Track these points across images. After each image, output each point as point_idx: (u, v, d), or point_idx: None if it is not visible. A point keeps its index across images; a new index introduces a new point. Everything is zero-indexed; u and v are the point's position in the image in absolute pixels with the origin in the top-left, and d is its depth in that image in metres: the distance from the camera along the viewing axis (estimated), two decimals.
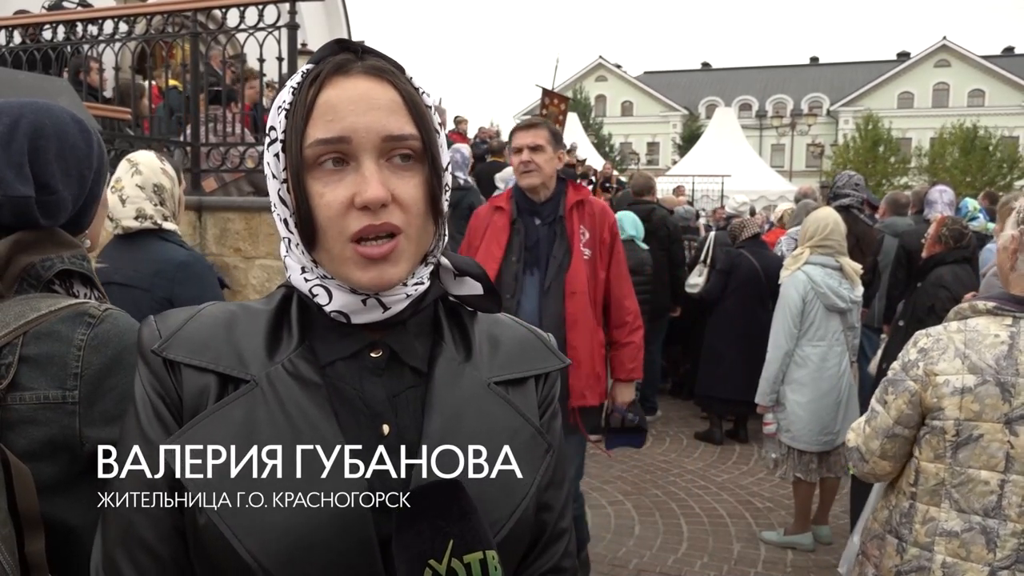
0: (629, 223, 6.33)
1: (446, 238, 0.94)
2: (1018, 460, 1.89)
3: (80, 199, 1.28)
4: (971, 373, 1.93)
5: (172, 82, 6.33)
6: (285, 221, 0.88)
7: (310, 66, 0.87)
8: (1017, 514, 1.88)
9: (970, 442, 1.93)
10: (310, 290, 0.88)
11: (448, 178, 0.92)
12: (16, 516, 1.01)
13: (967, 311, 2.04)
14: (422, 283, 0.91)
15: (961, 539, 1.93)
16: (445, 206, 0.91)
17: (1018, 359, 1.90)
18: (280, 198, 0.87)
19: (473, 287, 0.97)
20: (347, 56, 0.86)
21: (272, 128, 0.87)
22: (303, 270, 0.89)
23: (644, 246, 6.29)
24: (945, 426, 1.96)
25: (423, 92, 0.89)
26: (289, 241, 0.89)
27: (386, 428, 0.85)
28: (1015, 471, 1.89)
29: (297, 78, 0.87)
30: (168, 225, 2.30)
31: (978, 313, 2.01)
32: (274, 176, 0.87)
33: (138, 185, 2.26)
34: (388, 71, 0.87)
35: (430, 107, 0.89)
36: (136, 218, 2.24)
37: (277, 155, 0.86)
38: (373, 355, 0.89)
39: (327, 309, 0.87)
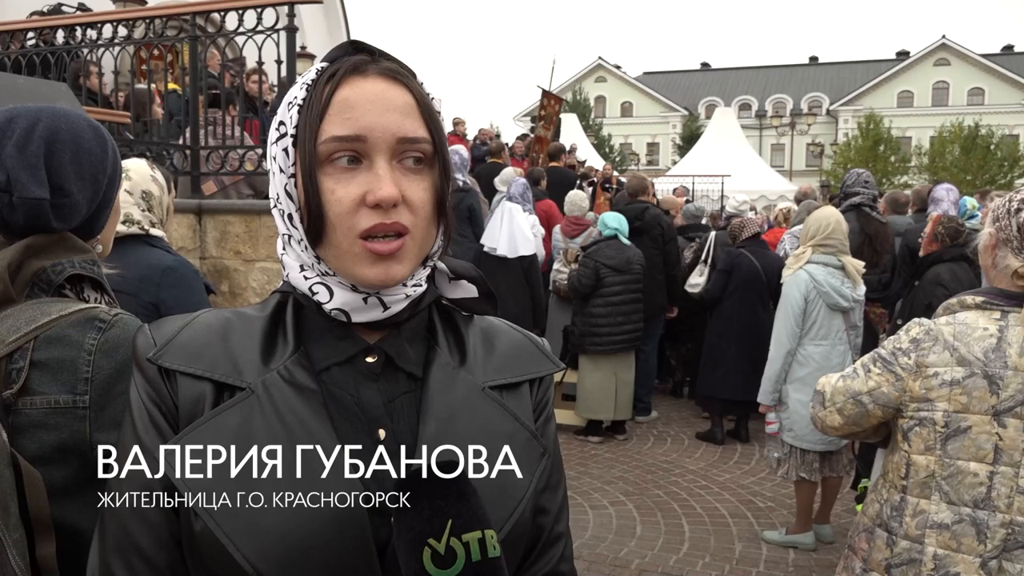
0: (612, 219, 6.36)
1: (447, 242, 0.95)
2: (1006, 452, 1.91)
3: (93, 203, 1.28)
4: (960, 365, 1.95)
5: (171, 85, 6.34)
6: (289, 216, 0.88)
7: (324, 64, 0.87)
8: (1006, 505, 1.91)
9: (959, 434, 1.95)
10: (310, 288, 0.88)
11: (457, 178, 0.93)
12: (27, 520, 1.02)
13: (956, 306, 2.06)
14: (420, 285, 0.92)
15: (952, 531, 1.95)
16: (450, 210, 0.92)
17: (1006, 352, 1.92)
18: (287, 193, 0.87)
19: (468, 290, 0.98)
20: (363, 57, 0.87)
21: (282, 123, 0.88)
22: (302, 268, 0.89)
23: (628, 242, 6.30)
24: (935, 418, 1.98)
25: (432, 98, 0.90)
26: (289, 238, 0.89)
27: (382, 433, 0.86)
28: (1003, 463, 1.91)
29: (311, 75, 0.87)
30: (155, 231, 2.30)
31: (966, 308, 2.03)
32: (281, 170, 0.87)
33: (127, 191, 2.26)
34: (403, 74, 0.88)
35: (439, 112, 0.91)
36: (123, 223, 2.24)
37: (286, 150, 0.87)
38: (368, 360, 0.89)
39: (327, 307, 0.87)
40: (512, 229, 6.31)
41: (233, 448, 0.80)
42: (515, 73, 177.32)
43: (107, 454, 0.88)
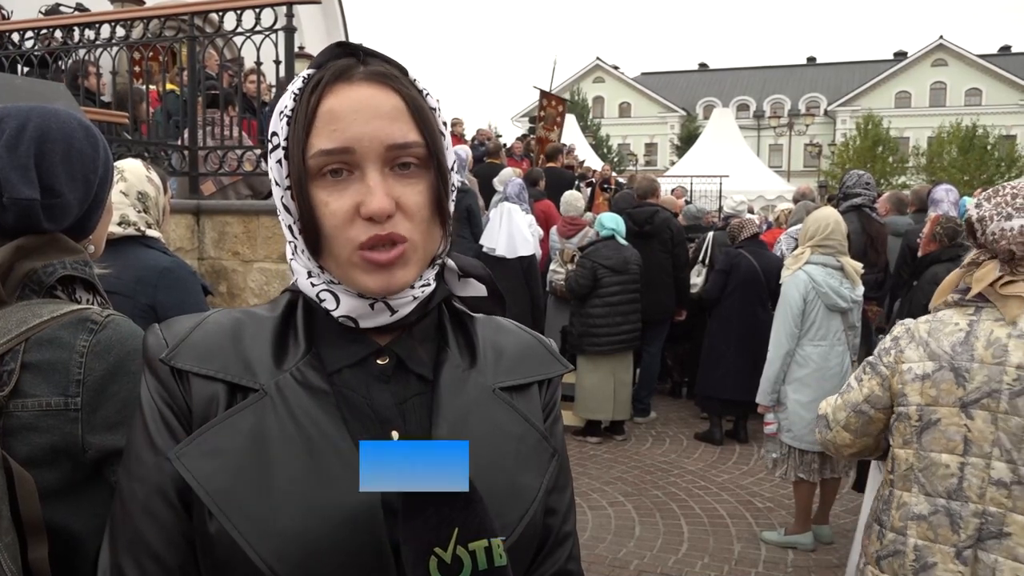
0: (608, 219, 6.35)
1: (450, 239, 0.94)
2: (975, 443, 1.96)
3: (85, 204, 1.28)
4: (930, 360, 2.03)
5: (170, 86, 6.33)
6: (290, 227, 0.88)
7: (312, 71, 0.86)
8: (978, 495, 1.95)
9: (931, 426, 2.02)
10: (317, 295, 0.88)
11: (454, 179, 0.91)
12: (19, 523, 1.01)
13: (940, 306, 2.14)
14: (428, 284, 0.91)
15: (929, 522, 2.00)
16: (452, 208, 0.90)
17: (974, 345, 1.97)
18: (284, 205, 0.87)
19: (477, 289, 0.97)
20: (349, 61, 0.85)
21: (274, 134, 0.87)
22: (309, 275, 0.89)
23: (625, 243, 6.29)
24: (909, 412, 2.07)
25: (427, 94, 0.88)
26: (295, 246, 0.89)
27: (395, 435, 0.85)
28: (973, 454, 1.96)
29: (299, 83, 0.86)
30: (151, 232, 2.29)
31: (947, 306, 2.11)
32: (277, 183, 0.87)
33: (122, 192, 2.25)
34: (391, 76, 0.85)
35: (434, 109, 0.88)
36: (119, 224, 2.23)
37: (280, 162, 0.86)
38: (380, 362, 0.88)
39: (335, 314, 0.87)
40: (511, 229, 6.31)
41: (247, 449, 0.80)
42: (513, 74, 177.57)
43: (115, 455, 0.87)
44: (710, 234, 7.31)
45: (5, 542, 0.98)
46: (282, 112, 0.86)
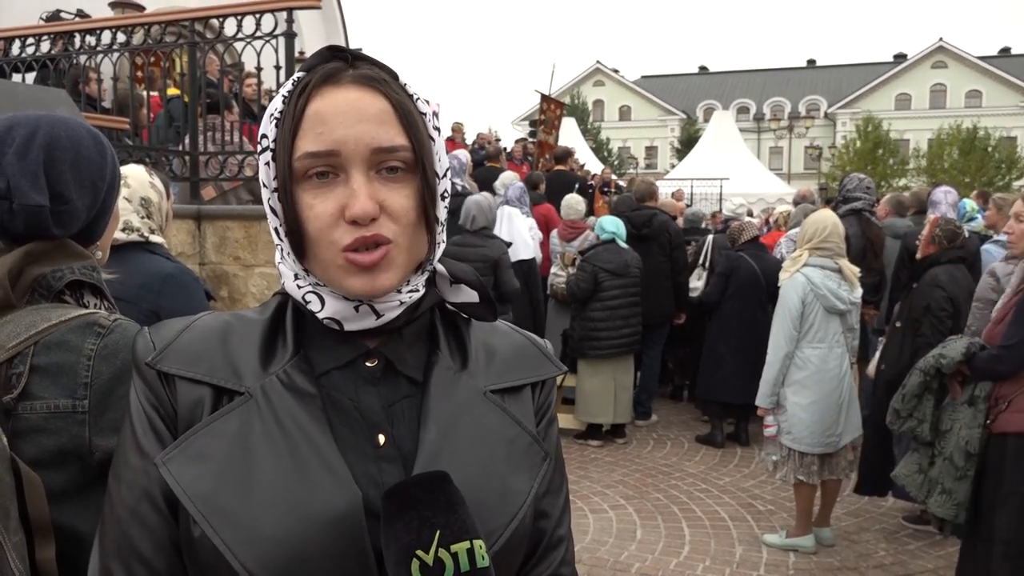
0: (609, 223, 6.35)
1: (443, 245, 0.93)
2: None
3: (93, 210, 1.29)
4: None
5: (173, 91, 6.34)
6: (276, 230, 0.88)
7: (301, 74, 0.86)
8: None
9: None
10: (303, 297, 0.87)
11: (446, 184, 0.90)
12: (27, 524, 1.02)
13: None
14: (417, 290, 0.90)
15: None
16: (441, 214, 0.90)
17: None
18: (271, 207, 0.87)
19: (469, 295, 0.96)
20: (338, 64, 0.85)
21: (264, 136, 0.86)
22: (295, 277, 0.88)
23: (625, 246, 6.30)
24: None
25: (417, 99, 0.88)
26: (282, 248, 0.89)
27: (381, 438, 0.84)
28: None
29: (288, 86, 0.86)
30: (155, 238, 2.30)
31: None
32: (265, 185, 0.87)
33: (125, 198, 2.25)
34: (379, 80, 0.85)
35: (424, 114, 0.88)
36: (123, 230, 2.24)
37: (268, 163, 0.86)
38: (368, 364, 0.88)
39: (320, 316, 0.86)
40: (512, 233, 6.31)
41: (231, 454, 0.80)
42: (514, 77, 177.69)
43: (107, 459, 0.88)
44: (710, 237, 7.31)
45: (13, 542, 0.99)
46: (271, 115, 0.86)
